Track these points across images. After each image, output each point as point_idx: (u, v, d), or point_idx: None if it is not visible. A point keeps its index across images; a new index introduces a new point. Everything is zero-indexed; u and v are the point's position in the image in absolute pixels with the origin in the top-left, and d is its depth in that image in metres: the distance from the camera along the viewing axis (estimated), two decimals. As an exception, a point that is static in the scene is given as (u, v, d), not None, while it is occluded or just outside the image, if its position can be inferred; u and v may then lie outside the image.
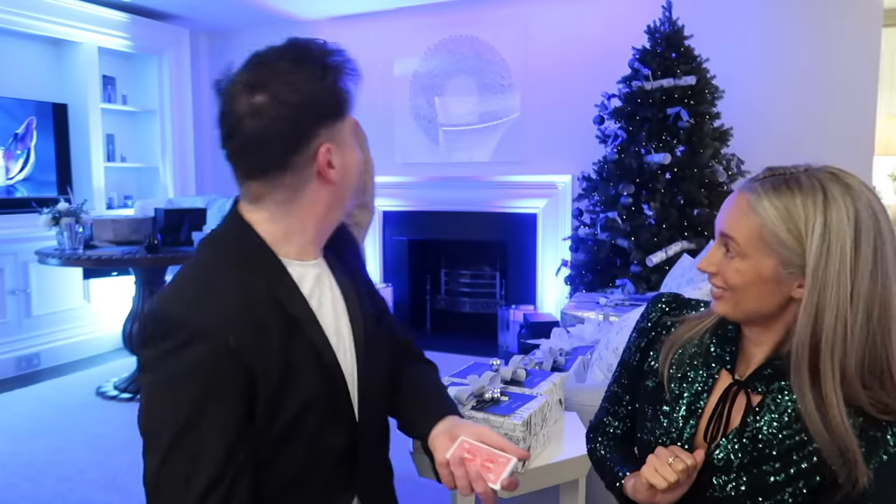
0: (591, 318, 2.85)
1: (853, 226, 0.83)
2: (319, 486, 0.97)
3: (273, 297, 0.91)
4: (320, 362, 0.93)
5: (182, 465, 0.84)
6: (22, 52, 4.37)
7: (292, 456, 0.93)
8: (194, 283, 0.91)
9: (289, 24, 5.09)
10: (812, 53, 3.81)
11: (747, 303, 0.92)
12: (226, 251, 0.95)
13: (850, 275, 0.83)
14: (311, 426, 0.93)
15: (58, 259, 3.41)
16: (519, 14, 4.47)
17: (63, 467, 2.77)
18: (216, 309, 0.86)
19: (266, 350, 0.88)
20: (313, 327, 0.94)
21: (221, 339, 0.85)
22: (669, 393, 1.01)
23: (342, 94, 0.93)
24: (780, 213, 0.86)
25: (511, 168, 4.54)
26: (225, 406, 0.86)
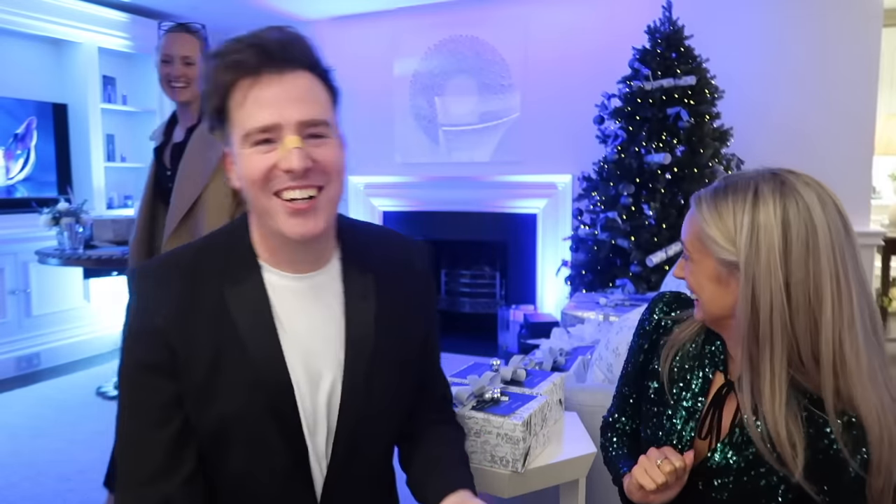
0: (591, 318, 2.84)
1: (780, 222, 0.86)
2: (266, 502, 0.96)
3: (221, 298, 0.91)
4: (252, 374, 0.90)
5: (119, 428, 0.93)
6: (22, 52, 4.37)
7: (234, 465, 0.94)
8: (166, 257, 0.97)
9: (289, 24, 5.08)
10: (812, 53, 3.81)
11: (708, 306, 0.95)
12: (206, 242, 0.98)
13: (782, 268, 0.85)
14: (244, 435, 0.92)
15: (58, 259, 3.41)
16: (519, 14, 4.47)
17: (63, 467, 2.77)
18: (159, 294, 0.91)
19: (193, 353, 0.89)
20: (255, 338, 0.91)
21: (151, 317, 0.90)
22: (670, 395, 1.02)
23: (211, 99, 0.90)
24: (712, 215, 0.90)
25: (511, 168, 4.54)
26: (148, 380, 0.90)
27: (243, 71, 0.86)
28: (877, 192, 4.73)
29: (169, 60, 2.08)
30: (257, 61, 0.86)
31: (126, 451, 0.91)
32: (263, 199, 0.88)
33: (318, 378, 0.95)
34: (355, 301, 0.97)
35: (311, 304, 0.95)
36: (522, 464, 1.27)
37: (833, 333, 0.85)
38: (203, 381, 0.90)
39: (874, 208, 4.02)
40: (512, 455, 1.25)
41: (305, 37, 0.92)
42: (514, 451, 1.25)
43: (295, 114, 0.86)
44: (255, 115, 0.85)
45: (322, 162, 0.88)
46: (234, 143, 0.89)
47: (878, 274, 4.06)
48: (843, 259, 0.86)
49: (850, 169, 3.76)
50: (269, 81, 0.86)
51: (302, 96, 0.88)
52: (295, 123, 0.86)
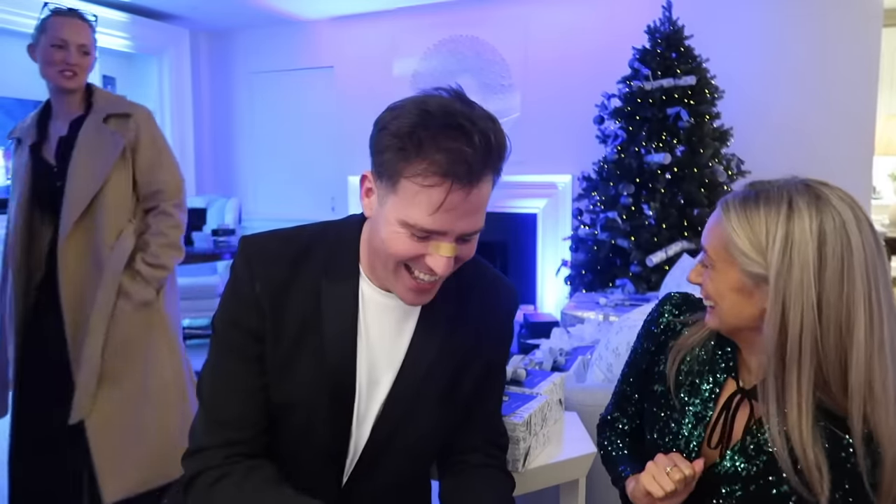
0: (591, 318, 2.85)
1: (816, 237, 0.82)
2: (297, 487, 0.98)
3: (317, 288, 0.95)
4: (324, 362, 0.95)
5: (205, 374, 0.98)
6: (22, 52, 4.34)
7: (284, 440, 0.99)
8: (281, 234, 1.00)
9: (289, 24, 5.10)
10: (812, 53, 3.81)
11: (727, 315, 0.92)
12: (320, 230, 1.01)
13: (815, 286, 0.82)
14: (302, 416, 0.97)
15: (58, 259, 3.40)
16: (519, 14, 4.47)
17: (63, 467, 2.77)
18: (268, 258, 0.96)
19: (281, 329, 0.94)
20: (335, 331, 0.95)
21: (251, 283, 0.94)
22: (678, 401, 1.01)
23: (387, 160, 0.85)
24: (742, 225, 0.86)
25: (511, 168, 4.44)
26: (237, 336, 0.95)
27: (445, 174, 0.81)
28: (877, 192, 4.73)
29: (63, 46, 1.91)
30: (463, 172, 0.82)
31: (210, 393, 0.97)
32: (392, 265, 0.89)
33: (376, 387, 1.00)
34: (425, 331, 1.00)
35: (391, 321, 0.99)
36: (522, 464, 1.27)
37: (864, 356, 0.82)
38: (281, 356, 0.95)
39: (874, 208, 4.03)
40: (512, 455, 1.25)
41: (506, 141, 0.91)
42: (514, 451, 1.25)
43: (465, 226, 0.86)
44: (429, 216, 0.83)
45: (461, 258, 0.91)
46: (388, 207, 0.86)
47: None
48: (877, 280, 0.83)
49: (850, 169, 3.76)
50: (458, 193, 0.83)
51: (477, 209, 0.87)
52: (459, 234, 0.87)
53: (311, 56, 5.09)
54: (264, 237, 1.00)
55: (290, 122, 5.30)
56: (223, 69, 5.55)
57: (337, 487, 1.03)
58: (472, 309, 1.03)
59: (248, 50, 5.42)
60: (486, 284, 1.08)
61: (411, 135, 0.82)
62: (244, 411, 0.95)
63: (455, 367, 1.02)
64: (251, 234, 1.00)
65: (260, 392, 0.96)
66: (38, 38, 1.96)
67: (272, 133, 5.37)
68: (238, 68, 5.47)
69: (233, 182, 5.60)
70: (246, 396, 0.95)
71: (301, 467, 1.01)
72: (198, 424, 0.98)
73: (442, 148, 0.81)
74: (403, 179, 0.83)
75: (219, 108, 5.59)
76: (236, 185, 5.57)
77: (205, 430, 0.96)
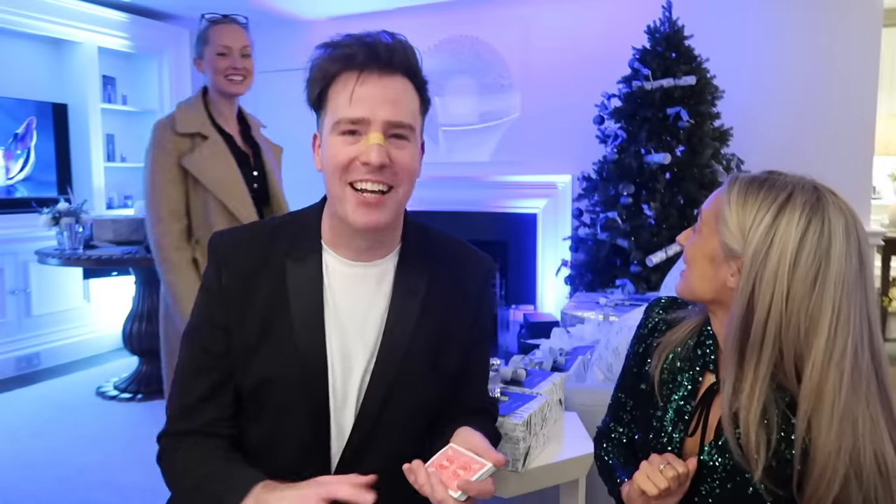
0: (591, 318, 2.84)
1: (798, 237, 0.85)
2: (283, 471, 0.98)
3: (283, 271, 1.00)
4: (293, 341, 0.97)
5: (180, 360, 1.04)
6: (22, 52, 4.37)
7: (261, 426, 1.01)
8: (247, 226, 1.09)
9: (289, 24, 5.10)
10: (812, 53, 3.81)
11: (693, 280, 0.96)
12: (285, 219, 1.07)
13: (787, 278, 0.85)
14: (277, 399, 0.99)
15: (58, 259, 3.41)
16: (519, 14, 4.47)
17: (63, 467, 2.77)
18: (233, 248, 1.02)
19: (248, 315, 0.99)
20: (302, 309, 0.98)
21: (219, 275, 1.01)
22: (660, 397, 1.02)
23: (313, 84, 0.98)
24: (737, 201, 0.90)
25: (511, 168, 4.54)
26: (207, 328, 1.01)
27: (350, 65, 0.93)
28: (877, 192, 4.73)
29: (227, 52, 2.02)
30: (364, 59, 0.93)
31: (179, 380, 1.03)
32: (339, 186, 0.95)
33: (350, 361, 1.00)
34: (402, 296, 1.02)
35: (360, 291, 1.01)
36: (522, 464, 1.27)
37: (820, 364, 0.84)
38: (251, 344, 0.99)
39: (874, 208, 4.02)
40: (512, 455, 1.25)
41: (413, 47, 1.01)
42: (514, 451, 1.25)
43: (384, 113, 0.93)
44: (350, 107, 0.92)
45: (398, 163, 0.95)
46: (325, 127, 0.96)
47: (879, 274, 4.06)
48: (850, 297, 0.85)
49: (850, 169, 3.76)
50: (370, 79, 0.93)
51: (394, 99, 0.94)
52: (382, 122, 0.93)
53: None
54: (231, 231, 1.07)
55: (290, 122, 5.30)
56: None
57: (327, 474, 1.00)
58: (447, 279, 1.06)
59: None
60: (461, 258, 1.11)
61: (326, 57, 0.94)
62: (207, 400, 1.00)
63: (437, 337, 1.03)
64: (221, 231, 1.06)
65: (226, 382, 1.01)
66: (202, 49, 2.06)
67: (272, 133, 5.36)
68: (238, 68, 5.46)
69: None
70: (209, 386, 1.00)
71: (285, 455, 1.01)
72: (168, 408, 1.04)
73: (348, 48, 0.94)
74: (330, 91, 0.95)
75: (219, 108, 5.59)
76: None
77: (171, 413, 1.03)
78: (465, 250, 1.14)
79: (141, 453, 0.98)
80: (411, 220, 1.10)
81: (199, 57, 2.09)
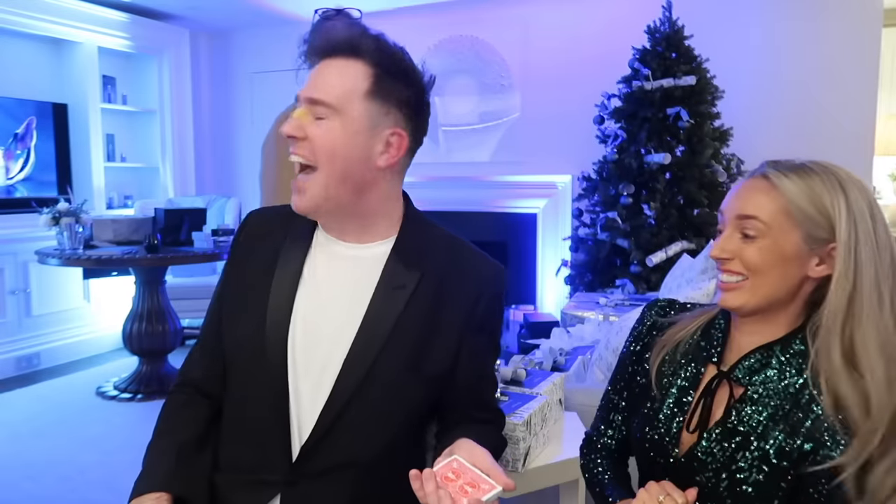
0: (591, 318, 2.85)
1: (868, 206, 0.90)
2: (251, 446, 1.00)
3: (281, 245, 1.07)
4: (265, 308, 1.02)
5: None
6: (22, 52, 4.37)
7: (230, 394, 1.06)
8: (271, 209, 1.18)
9: (289, 24, 5.10)
10: (812, 53, 3.81)
11: (766, 286, 0.91)
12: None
13: (874, 245, 0.89)
14: (243, 365, 1.02)
15: (58, 259, 3.41)
16: (519, 14, 4.47)
17: (63, 467, 2.77)
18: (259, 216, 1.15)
19: (245, 275, 1.07)
20: (280, 282, 1.03)
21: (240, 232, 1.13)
22: (658, 390, 1.01)
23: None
24: (803, 190, 0.89)
25: (511, 168, 4.54)
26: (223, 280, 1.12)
27: (310, 56, 1.02)
28: (877, 192, 4.73)
29: None
30: (313, 48, 1.02)
31: (201, 331, 1.15)
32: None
33: (317, 332, 1.00)
34: (387, 289, 1.00)
35: (341, 269, 1.04)
36: (522, 464, 1.27)
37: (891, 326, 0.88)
38: (234, 305, 1.07)
39: (874, 208, 4.02)
40: (512, 455, 1.25)
41: (362, 27, 1.05)
42: (514, 451, 1.25)
43: (307, 91, 0.99)
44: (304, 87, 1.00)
45: (312, 138, 0.97)
46: None
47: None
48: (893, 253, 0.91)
49: (850, 169, 3.73)
50: (321, 62, 1.01)
51: (321, 79, 0.99)
52: (304, 98, 0.99)
53: (311, 56, 5.09)
54: (267, 208, 1.19)
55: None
56: (223, 69, 5.54)
57: (287, 461, 0.97)
58: (441, 278, 1.02)
59: (248, 50, 5.42)
60: (461, 257, 1.08)
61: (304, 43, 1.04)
62: (204, 357, 1.11)
63: (421, 336, 0.99)
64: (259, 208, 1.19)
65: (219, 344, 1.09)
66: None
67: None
68: (238, 68, 5.47)
69: (233, 182, 5.59)
70: (208, 345, 1.11)
71: (250, 432, 1.01)
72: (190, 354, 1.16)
73: (309, 47, 1.02)
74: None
75: (219, 108, 5.59)
76: (236, 185, 5.57)
77: (186, 361, 1.14)
78: (469, 253, 1.10)
79: (141, 453, 0.95)
80: (415, 213, 1.09)
81: None
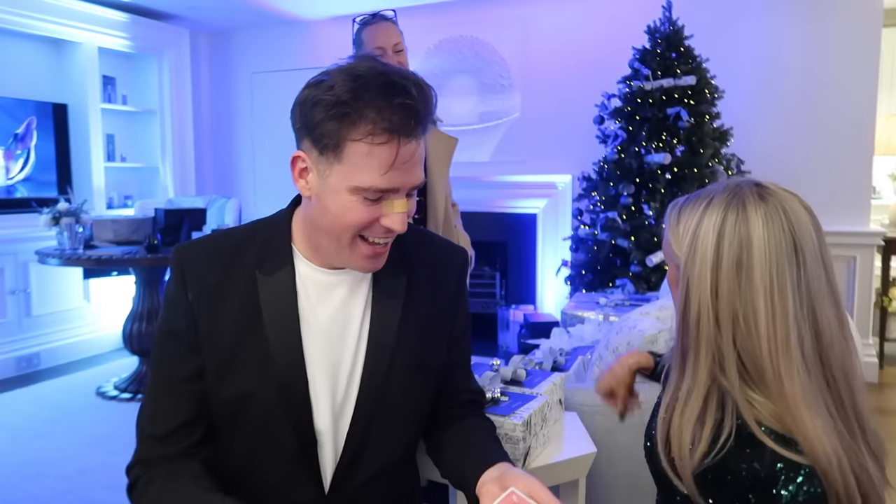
0: (591, 318, 2.84)
1: (716, 233, 0.85)
2: (272, 486, 0.98)
3: (253, 283, 0.94)
4: (269, 357, 0.93)
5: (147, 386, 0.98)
6: (22, 52, 4.37)
7: (240, 444, 0.97)
8: (211, 237, 1.01)
9: (289, 24, 5.10)
10: (812, 53, 3.81)
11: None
12: (249, 230, 1.01)
13: (711, 278, 0.85)
14: (255, 417, 0.95)
15: (58, 259, 3.41)
16: (519, 14, 4.47)
17: (63, 467, 2.77)
18: (199, 261, 0.96)
19: (217, 331, 0.93)
20: (276, 323, 0.93)
21: (184, 290, 0.95)
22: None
23: (327, 130, 0.85)
24: (673, 217, 0.92)
25: (511, 168, 4.54)
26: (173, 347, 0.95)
27: (382, 128, 0.83)
28: (877, 192, 4.72)
29: (381, 53, 1.98)
30: (400, 125, 0.83)
31: (147, 407, 0.97)
32: (346, 238, 0.89)
33: (336, 369, 0.97)
34: (382, 301, 0.99)
35: (338, 298, 0.98)
36: (522, 464, 1.27)
37: (769, 350, 0.82)
38: (223, 361, 0.94)
39: (874, 208, 4.02)
40: (512, 455, 1.25)
41: (433, 92, 0.89)
42: (514, 451, 1.25)
43: (414, 179, 0.88)
44: (382, 175, 0.84)
45: (409, 214, 0.92)
46: (334, 179, 0.86)
47: (879, 274, 4.06)
48: (782, 277, 0.83)
49: (850, 169, 3.76)
50: (407, 144, 0.85)
51: (420, 160, 0.88)
52: (410, 188, 0.88)
53: (311, 56, 5.09)
54: (195, 242, 1.00)
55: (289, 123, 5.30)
56: (223, 69, 5.54)
57: (318, 489, 0.99)
58: (425, 278, 1.03)
59: (248, 50, 5.42)
60: (434, 249, 1.09)
61: (354, 99, 0.82)
62: (182, 425, 0.95)
63: (421, 335, 1.01)
64: (184, 242, 1.00)
65: (199, 405, 0.95)
66: (358, 53, 2.05)
67: (272, 133, 5.37)
68: (238, 68, 5.47)
69: (233, 182, 5.59)
70: (181, 411, 0.95)
71: (272, 470, 0.98)
72: (138, 434, 0.97)
73: (386, 105, 0.82)
74: (350, 144, 0.84)
75: (219, 108, 5.59)
76: (236, 185, 5.57)
77: (142, 440, 0.96)
78: (439, 244, 1.12)
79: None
80: None
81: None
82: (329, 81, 0.85)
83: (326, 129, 0.85)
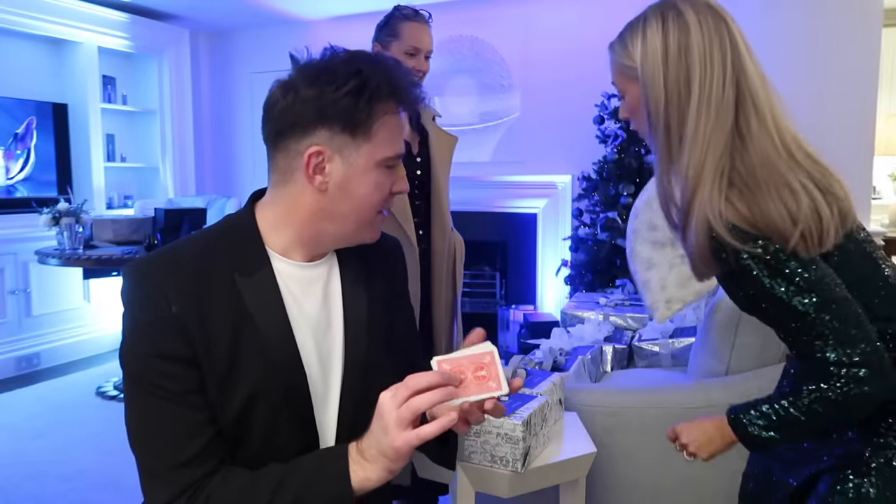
0: (591, 318, 2.84)
1: (661, 30, 1.07)
2: None
3: (233, 286, 0.93)
4: (267, 358, 0.93)
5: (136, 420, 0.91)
6: (22, 52, 4.37)
7: (248, 449, 0.95)
8: (167, 250, 0.97)
9: (289, 24, 5.10)
10: (812, 53, 3.80)
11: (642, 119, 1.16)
12: (210, 234, 1.00)
13: (662, 69, 1.06)
14: (262, 419, 0.94)
15: (58, 259, 3.41)
16: (519, 14, 4.47)
17: (64, 467, 2.77)
18: (172, 273, 0.91)
19: (211, 340, 0.90)
20: (268, 324, 0.93)
21: (165, 306, 0.89)
22: None
23: (360, 111, 0.91)
24: (618, 46, 1.16)
25: (511, 168, 4.54)
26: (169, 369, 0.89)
27: (406, 104, 0.96)
28: (877, 192, 4.72)
29: (415, 53, 1.96)
30: (411, 94, 0.96)
31: (154, 442, 0.89)
32: (371, 214, 0.98)
33: (328, 358, 1.00)
34: (350, 286, 1.04)
35: (317, 290, 1.01)
36: (522, 464, 1.27)
37: (698, 110, 1.04)
38: (224, 368, 0.91)
39: (874, 208, 4.02)
40: (512, 455, 1.25)
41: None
42: (514, 451, 1.25)
43: (401, 148, 0.99)
44: (395, 144, 0.96)
45: None
46: (365, 158, 0.94)
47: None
48: (721, 45, 1.12)
49: (850, 169, 3.72)
50: (403, 113, 0.97)
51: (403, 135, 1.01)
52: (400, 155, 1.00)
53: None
54: (154, 256, 0.96)
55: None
56: (223, 69, 5.55)
57: None
58: (375, 261, 1.09)
59: (248, 50, 5.42)
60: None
61: (377, 80, 0.91)
62: (205, 437, 0.89)
63: (383, 316, 1.06)
64: (134, 261, 0.95)
65: (208, 424, 0.90)
66: (388, 41, 1.99)
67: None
68: (238, 68, 5.47)
69: (233, 182, 5.60)
70: (195, 424, 0.89)
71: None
72: (147, 480, 0.90)
73: (393, 78, 0.94)
74: (380, 119, 0.93)
75: (219, 108, 5.59)
76: (236, 185, 5.57)
77: (163, 475, 0.88)
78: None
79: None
80: None
81: (380, 43, 2.00)
82: (332, 73, 0.92)
83: (359, 111, 0.91)
